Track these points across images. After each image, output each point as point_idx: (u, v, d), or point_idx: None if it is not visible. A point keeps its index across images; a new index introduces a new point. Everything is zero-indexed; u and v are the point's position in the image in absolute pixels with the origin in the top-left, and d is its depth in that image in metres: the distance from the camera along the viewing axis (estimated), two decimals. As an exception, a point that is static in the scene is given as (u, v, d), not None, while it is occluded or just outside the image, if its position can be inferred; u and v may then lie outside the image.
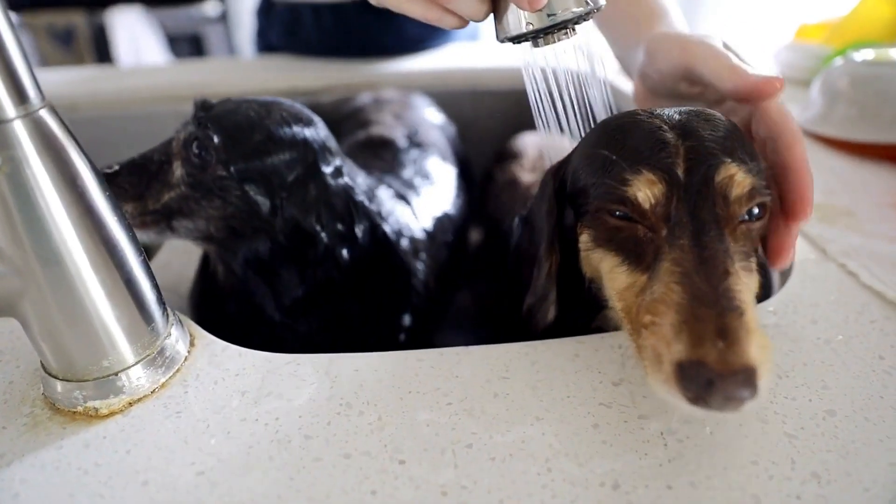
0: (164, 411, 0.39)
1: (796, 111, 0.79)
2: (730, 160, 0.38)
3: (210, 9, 2.18)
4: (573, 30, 0.45)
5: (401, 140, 0.73)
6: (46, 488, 0.34)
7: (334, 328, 0.58)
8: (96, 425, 0.38)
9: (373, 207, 0.58)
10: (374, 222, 0.57)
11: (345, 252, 0.55)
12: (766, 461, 0.35)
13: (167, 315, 0.43)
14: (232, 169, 0.51)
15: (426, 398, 0.40)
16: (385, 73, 1.03)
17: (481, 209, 0.84)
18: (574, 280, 0.46)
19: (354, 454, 0.36)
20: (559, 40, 0.45)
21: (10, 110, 0.32)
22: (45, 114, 0.33)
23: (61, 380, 0.39)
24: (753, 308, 0.35)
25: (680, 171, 0.38)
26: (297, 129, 0.54)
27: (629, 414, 0.38)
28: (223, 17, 2.29)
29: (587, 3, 0.42)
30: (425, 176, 0.69)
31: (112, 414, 0.39)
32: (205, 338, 0.45)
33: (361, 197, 0.57)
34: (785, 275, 0.52)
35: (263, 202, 0.52)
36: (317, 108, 0.93)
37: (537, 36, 0.45)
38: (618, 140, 0.41)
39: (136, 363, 0.40)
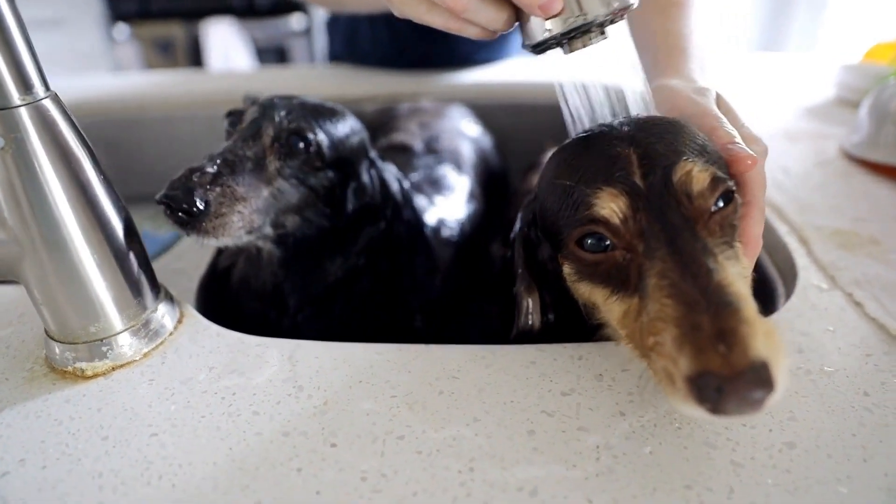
0: (140, 378, 0.43)
1: (844, 134, 0.73)
2: (683, 158, 0.37)
3: (295, 22, 2.33)
4: (601, 33, 0.43)
5: (418, 146, 0.75)
6: (25, 434, 0.38)
7: (351, 319, 0.61)
8: (80, 384, 0.42)
9: (400, 198, 0.61)
10: (406, 209, 0.60)
11: (382, 235, 0.59)
12: (702, 487, 0.33)
13: (158, 292, 0.47)
14: (326, 157, 0.55)
15: (373, 389, 0.41)
16: (430, 85, 1.05)
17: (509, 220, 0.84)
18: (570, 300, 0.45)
19: (293, 433, 0.38)
20: (586, 45, 0.43)
21: (16, 98, 0.37)
22: (48, 103, 0.38)
23: (57, 341, 0.43)
24: (748, 297, 0.33)
25: (637, 180, 0.37)
26: (355, 121, 0.59)
27: (569, 425, 0.37)
28: (307, 31, 2.44)
29: (610, 4, 0.40)
30: (433, 181, 0.71)
31: (96, 376, 0.43)
32: (193, 317, 0.49)
33: (395, 185, 0.60)
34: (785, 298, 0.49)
35: (341, 187, 0.56)
36: (359, 116, 0.97)
37: (562, 42, 0.43)
38: (573, 165, 0.40)
39: (122, 332, 0.44)
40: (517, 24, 0.43)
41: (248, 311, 0.63)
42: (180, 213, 0.48)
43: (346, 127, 0.58)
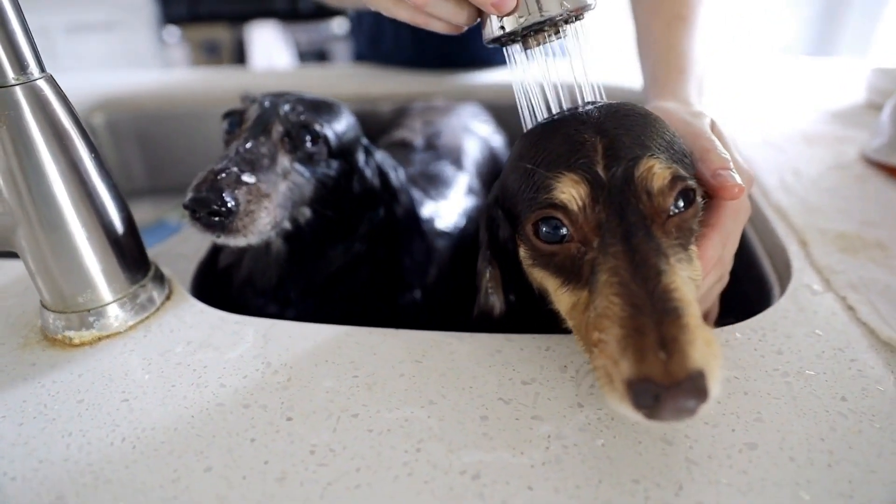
0: (122, 348, 0.44)
1: (866, 139, 0.70)
2: (648, 154, 0.37)
3: (336, 26, 2.38)
4: (556, 32, 0.44)
5: (418, 142, 0.75)
6: (10, 393, 0.41)
7: (352, 309, 0.62)
8: (67, 352, 0.44)
9: (397, 184, 0.62)
10: (402, 195, 0.61)
11: (382, 220, 0.60)
12: (650, 482, 0.32)
13: (148, 268, 0.49)
14: (333, 149, 0.56)
15: (337, 369, 0.41)
16: (447, 85, 1.06)
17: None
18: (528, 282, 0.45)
19: (253, 406, 0.38)
20: (542, 43, 0.44)
21: (10, 77, 0.39)
22: (42, 83, 0.40)
23: (49, 310, 0.45)
24: (693, 303, 0.32)
25: (600, 170, 0.37)
26: (349, 113, 0.61)
27: (524, 413, 0.37)
28: (349, 34, 2.48)
29: (563, 4, 0.41)
30: (429, 176, 0.71)
31: (82, 344, 0.45)
32: (181, 294, 0.51)
33: (392, 174, 0.61)
34: (770, 300, 0.47)
35: (347, 175, 0.58)
36: (374, 115, 0.99)
37: (517, 39, 0.45)
38: (537, 147, 0.40)
39: (110, 304, 0.46)
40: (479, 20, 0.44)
41: (251, 307, 0.64)
42: (210, 215, 0.48)
43: (344, 118, 0.59)
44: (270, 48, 2.48)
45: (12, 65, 0.39)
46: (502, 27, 0.43)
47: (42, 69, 0.41)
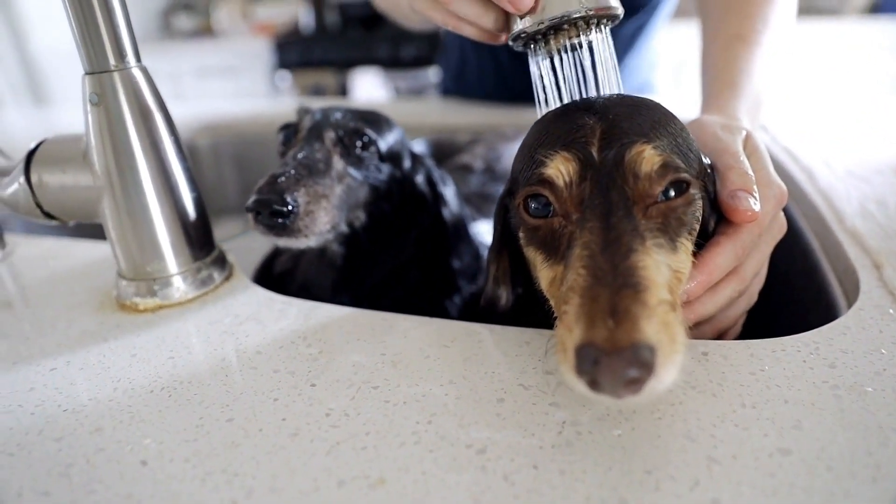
0: (178, 317, 0.48)
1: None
2: (644, 140, 0.37)
3: (432, 75, 2.51)
4: (577, 34, 0.44)
5: (477, 166, 0.77)
6: (78, 345, 0.45)
7: (397, 311, 0.63)
8: (132, 316, 0.49)
9: (446, 192, 0.63)
10: (452, 202, 0.63)
11: (431, 225, 0.62)
12: (663, 474, 0.30)
13: (212, 249, 0.53)
14: (383, 153, 0.60)
15: (367, 346, 0.42)
16: (522, 117, 1.08)
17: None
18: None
19: (282, 371, 0.40)
20: (564, 44, 0.44)
21: (111, 64, 0.45)
22: (136, 72, 0.46)
23: (122, 277, 0.50)
24: (660, 286, 0.32)
25: (594, 151, 0.37)
26: (393, 122, 0.64)
27: (542, 399, 0.36)
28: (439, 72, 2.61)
29: (581, 3, 0.41)
30: (484, 195, 0.72)
31: (145, 311, 0.49)
32: (239, 277, 0.54)
33: (440, 181, 0.63)
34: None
35: (397, 180, 0.61)
36: (451, 144, 1.02)
37: (538, 39, 0.45)
38: (542, 131, 0.41)
39: (174, 275, 0.50)
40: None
41: None
42: (272, 216, 0.51)
43: (391, 126, 0.62)
44: (372, 92, 2.65)
45: (114, 53, 0.45)
46: (522, 26, 0.43)
47: (138, 59, 0.47)
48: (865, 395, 0.35)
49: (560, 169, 0.37)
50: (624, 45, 1.05)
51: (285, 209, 0.51)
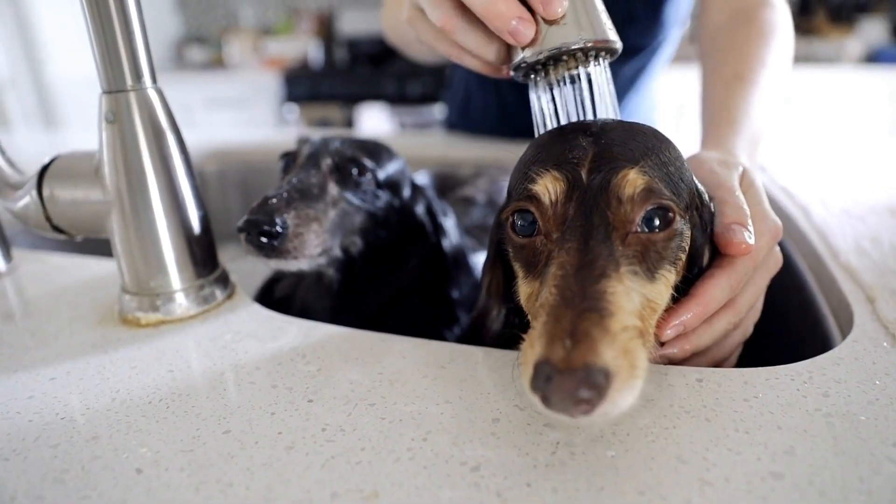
0: (180, 333, 0.49)
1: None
2: (634, 166, 0.37)
3: (437, 111, 2.56)
4: (576, 66, 0.45)
5: (480, 198, 0.78)
6: (79, 356, 0.45)
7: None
8: (133, 330, 0.49)
9: (445, 222, 0.64)
10: (452, 233, 0.63)
11: (431, 255, 0.63)
12: (656, 495, 0.30)
13: (215, 267, 0.54)
14: (380, 181, 0.61)
15: (365, 365, 0.43)
16: (518, 153, 1.10)
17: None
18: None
19: (280, 386, 0.41)
20: (563, 75, 0.45)
21: (128, 83, 0.47)
22: (151, 92, 0.48)
23: (125, 292, 0.51)
24: (627, 314, 0.33)
25: (583, 173, 0.38)
26: (394, 151, 0.65)
27: (536, 420, 0.36)
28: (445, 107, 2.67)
29: (581, 37, 0.43)
30: (484, 228, 0.73)
31: (147, 325, 0.50)
32: (241, 296, 0.55)
33: (440, 211, 0.64)
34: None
35: (395, 208, 0.62)
36: (454, 177, 1.04)
37: (538, 70, 0.46)
38: (538, 150, 0.42)
39: (176, 291, 0.50)
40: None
41: None
42: (261, 237, 0.52)
43: (390, 155, 0.63)
44: (377, 127, 2.70)
45: (131, 74, 0.46)
46: (524, 58, 0.44)
47: (154, 81, 0.48)
48: (858, 423, 0.35)
49: (548, 187, 0.38)
50: (624, 85, 1.08)
51: (274, 230, 0.51)
